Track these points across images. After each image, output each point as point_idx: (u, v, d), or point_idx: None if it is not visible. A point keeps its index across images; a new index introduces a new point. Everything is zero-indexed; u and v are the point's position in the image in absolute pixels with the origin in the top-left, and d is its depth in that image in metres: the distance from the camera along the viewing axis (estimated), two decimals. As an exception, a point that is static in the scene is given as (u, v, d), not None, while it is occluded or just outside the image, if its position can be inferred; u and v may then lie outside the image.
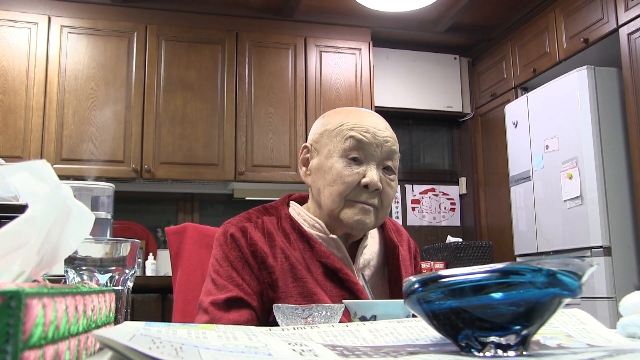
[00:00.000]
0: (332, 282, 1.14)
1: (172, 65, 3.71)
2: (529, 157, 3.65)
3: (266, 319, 1.11)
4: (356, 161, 1.15)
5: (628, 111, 3.13)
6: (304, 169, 1.25)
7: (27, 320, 0.34)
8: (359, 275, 1.20)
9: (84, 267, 0.75)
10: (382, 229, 1.31)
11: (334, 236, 1.19)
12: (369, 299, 1.11)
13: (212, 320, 1.08)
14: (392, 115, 4.47)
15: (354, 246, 1.24)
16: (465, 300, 0.52)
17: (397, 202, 4.45)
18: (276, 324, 0.82)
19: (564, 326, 0.68)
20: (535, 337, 0.61)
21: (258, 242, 1.14)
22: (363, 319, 0.87)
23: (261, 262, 1.12)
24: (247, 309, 1.10)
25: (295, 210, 1.24)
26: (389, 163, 1.18)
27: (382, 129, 1.18)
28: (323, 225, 1.20)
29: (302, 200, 1.29)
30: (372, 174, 1.14)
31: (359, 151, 1.15)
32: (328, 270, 1.14)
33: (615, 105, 3.24)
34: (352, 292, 1.14)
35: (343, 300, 0.92)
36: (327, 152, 1.18)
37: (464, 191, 4.57)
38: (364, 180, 1.14)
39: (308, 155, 1.24)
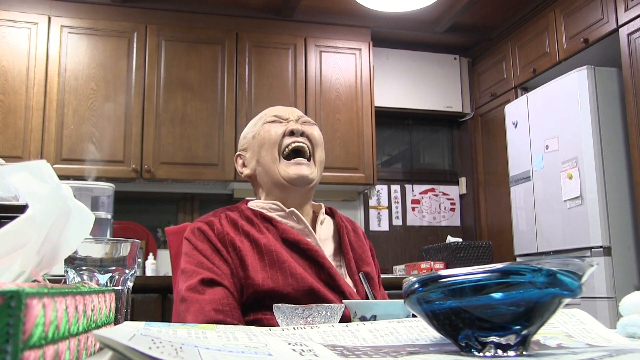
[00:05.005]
0: (297, 254, 1.21)
1: (172, 65, 3.71)
2: (529, 157, 3.65)
3: (240, 298, 1.16)
4: (278, 122, 1.34)
5: (628, 111, 3.13)
6: (243, 169, 1.39)
7: (27, 320, 0.34)
8: (323, 246, 1.29)
9: (84, 267, 0.75)
10: (333, 217, 1.41)
11: (292, 209, 1.29)
12: (331, 265, 1.21)
13: (190, 304, 1.13)
14: (392, 115, 4.48)
15: (313, 221, 1.35)
16: (465, 300, 0.52)
17: (397, 202, 4.45)
18: (257, 308, 0.83)
19: (564, 326, 0.68)
20: (535, 337, 0.61)
21: (225, 230, 1.22)
22: (363, 319, 0.87)
23: (230, 245, 1.20)
24: (220, 287, 1.15)
25: (253, 203, 1.35)
26: (305, 120, 1.37)
27: (288, 107, 1.40)
28: (279, 203, 1.30)
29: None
30: (292, 124, 1.34)
31: (279, 119, 1.35)
32: (290, 244, 1.22)
33: (615, 105, 3.24)
34: (314, 260, 1.21)
35: (343, 301, 0.92)
36: (252, 137, 1.36)
37: (464, 191, 4.57)
38: (287, 129, 1.32)
39: (242, 159, 1.40)
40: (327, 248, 1.30)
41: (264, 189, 1.36)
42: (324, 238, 1.32)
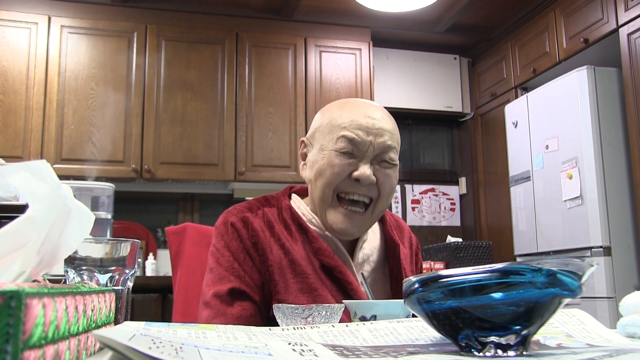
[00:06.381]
0: (330, 279, 1.13)
1: (172, 65, 3.71)
2: (529, 157, 3.65)
3: (267, 313, 1.10)
4: (349, 154, 1.12)
5: (628, 111, 3.13)
6: (302, 162, 1.24)
7: (27, 320, 0.34)
8: (358, 271, 1.19)
9: (84, 267, 0.75)
10: (383, 224, 1.29)
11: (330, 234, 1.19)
12: (364, 297, 1.10)
13: (216, 315, 1.06)
14: (392, 115, 4.48)
15: (354, 240, 1.23)
16: (465, 300, 0.52)
17: (397, 202, 4.45)
18: (276, 320, 0.82)
19: (564, 326, 0.68)
20: (535, 337, 0.61)
21: (259, 234, 1.12)
22: (363, 319, 0.87)
23: (262, 254, 1.11)
24: (249, 302, 1.08)
25: (296, 203, 1.24)
26: (385, 157, 1.14)
27: (377, 120, 1.14)
28: (319, 221, 1.19)
29: (303, 193, 1.28)
30: (364, 168, 1.11)
31: (352, 148, 1.12)
32: (324, 267, 1.13)
33: (615, 105, 3.24)
34: (347, 292, 1.12)
35: (343, 301, 0.92)
36: (320, 146, 1.16)
37: (464, 191, 4.57)
38: (355, 174, 1.11)
39: (305, 149, 1.23)
40: (365, 269, 1.20)
41: (311, 198, 1.21)
42: (361, 261, 1.20)
